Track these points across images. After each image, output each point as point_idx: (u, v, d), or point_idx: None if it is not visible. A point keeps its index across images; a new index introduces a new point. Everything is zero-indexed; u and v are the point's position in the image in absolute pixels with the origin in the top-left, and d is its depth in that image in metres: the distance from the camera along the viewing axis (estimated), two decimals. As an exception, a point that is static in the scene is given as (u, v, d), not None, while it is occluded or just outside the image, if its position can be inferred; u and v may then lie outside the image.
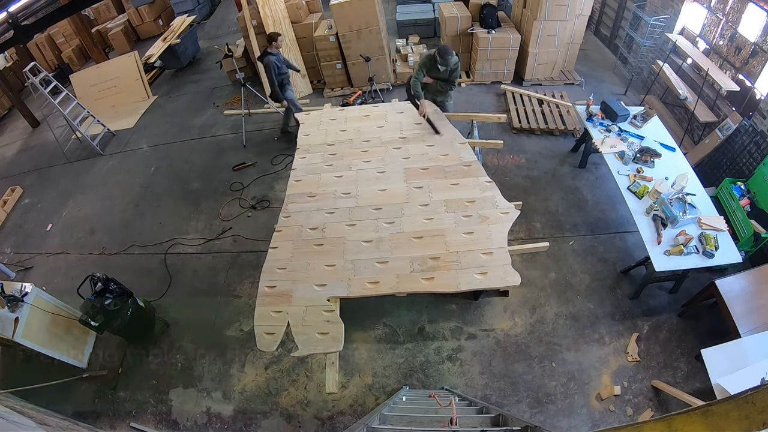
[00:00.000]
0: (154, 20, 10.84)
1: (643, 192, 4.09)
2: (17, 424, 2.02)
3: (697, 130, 5.55)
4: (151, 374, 4.19)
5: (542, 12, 6.22)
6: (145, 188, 6.30)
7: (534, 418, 3.51)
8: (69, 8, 5.09)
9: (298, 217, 3.87)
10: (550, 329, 4.06)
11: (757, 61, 4.77)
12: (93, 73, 8.52)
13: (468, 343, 4.04)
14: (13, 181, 6.97)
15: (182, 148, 6.96)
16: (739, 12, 4.97)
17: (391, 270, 3.33)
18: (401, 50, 7.51)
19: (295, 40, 7.19)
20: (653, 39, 6.30)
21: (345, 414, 3.72)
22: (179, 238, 5.41)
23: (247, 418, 3.79)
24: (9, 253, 5.76)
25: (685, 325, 3.95)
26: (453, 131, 4.57)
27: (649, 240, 3.74)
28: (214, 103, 7.86)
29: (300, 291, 3.31)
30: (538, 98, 6.59)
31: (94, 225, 5.84)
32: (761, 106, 4.56)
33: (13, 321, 3.73)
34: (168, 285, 4.87)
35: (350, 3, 6.42)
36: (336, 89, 7.47)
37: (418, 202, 3.81)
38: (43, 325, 3.98)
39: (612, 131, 4.80)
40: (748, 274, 3.63)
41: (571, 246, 4.68)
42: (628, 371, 3.72)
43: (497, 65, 6.94)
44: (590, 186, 5.30)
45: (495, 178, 4.11)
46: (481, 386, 3.77)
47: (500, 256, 3.32)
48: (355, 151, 4.47)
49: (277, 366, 4.08)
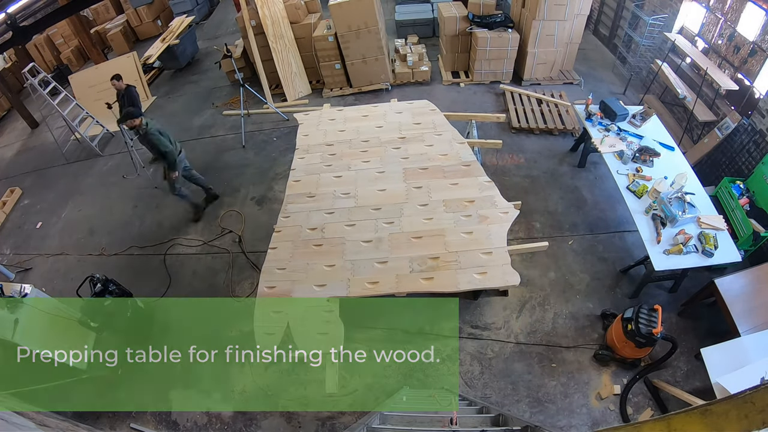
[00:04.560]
0: (152, 21, 10.82)
1: (642, 191, 4.09)
2: (17, 426, 2.02)
3: (696, 130, 5.56)
4: (150, 375, 4.19)
5: (541, 11, 6.22)
6: (144, 189, 6.29)
7: (534, 418, 3.51)
8: (68, 9, 5.10)
9: (298, 218, 3.87)
10: (550, 329, 4.06)
11: (755, 60, 4.78)
12: (92, 73, 8.50)
13: (468, 343, 4.03)
14: (13, 182, 6.95)
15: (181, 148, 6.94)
16: (737, 11, 4.97)
17: (391, 270, 3.33)
18: (400, 50, 7.51)
19: (294, 41, 7.18)
20: (652, 38, 6.31)
21: (345, 414, 3.72)
22: (179, 238, 5.40)
23: (247, 418, 3.79)
24: (8, 254, 5.75)
25: (684, 324, 3.96)
26: (452, 131, 4.56)
27: (648, 239, 3.74)
28: (213, 103, 7.85)
29: (300, 291, 3.31)
30: (537, 98, 6.59)
31: (94, 226, 5.83)
32: (760, 105, 4.57)
33: (13, 322, 3.72)
34: (167, 286, 4.87)
35: (349, 3, 6.42)
36: (335, 89, 7.46)
37: (417, 202, 3.81)
38: (42, 326, 3.97)
39: (611, 131, 4.80)
40: (748, 273, 3.64)
41: (570, 245, 4.68)
42: (628, 371, 3.72)
43: (496, 65, 6.94)
44: (589, 185, 5.30)
45: (494, 177, 4.11)
46: (481, 386, 3.77)
47: (500, 256, 3.32)
48: (354, 151, 4.46)
49: (277, 366, 4.08)
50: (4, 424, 1.86)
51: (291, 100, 7.39)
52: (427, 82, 7.38)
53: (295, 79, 7.40)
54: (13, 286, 3.96)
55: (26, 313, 3.83)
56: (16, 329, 3.73)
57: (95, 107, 7.79)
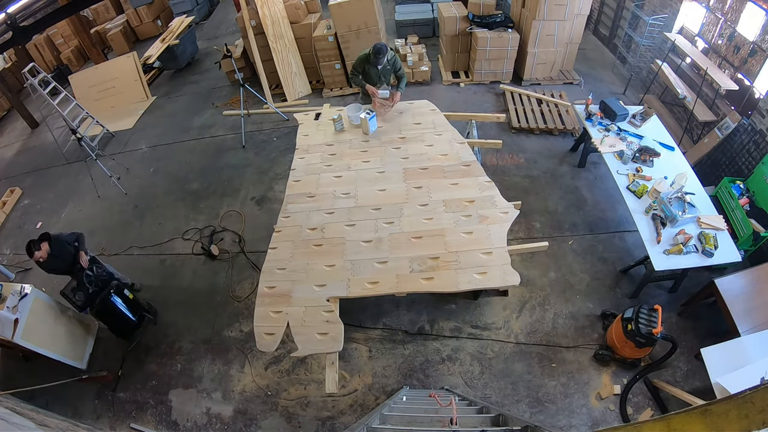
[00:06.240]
0: (152, 21, 10.83)
1: (642, 191, 4.09)
2: (17, 426, 2.02)
3: (696, 129, 5.56)
4: (150, 375, 4.19)
5: (541, 11, 6.22)
6: (144, 189, 6.30)
7: (534, 418, 3.52)
8: (68, 9, 5.10)
9: (298, 218, 3.87)
10: (550, 328, 4.06)
11: (755, 60, 4.78)
12: (92, 73, 8.52)
13: (468, 343, 4.04)
14: (13, 182, 6.97)
15: (181, 148, 6.96)
16: (737, 11, 4.97)
17: (391, 270, 3.33)
18: (400, 50, 7.51)
19: (294, 41, 7.19)
20: (652, 38, 6.31)
21: (345, 414, 3.72)
22: (179, 238, 5.41)
23: (247, 418, 3.79)
24: (8, 254, 5.76)
25: (684, 324, 3.96)
26: (452, 131, 4.56)
27: (648, 239, 3.74)
28: (213, 103, 7.86)
29: (299, 291, 3.30)
30: (537, 98, 6.59)
31: (94, 226, 5.83)
32: (760, 105, 4.57)
33: (13, 322, 3.73)
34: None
35: (349, 3, 6.42)
36: (335, 89, 7.47)
37: (417, 202, 3.80)
38: (42, 327, 3.99)
39: (611, 131, 4.80)
40: (748, 273, 3.64)
41: (570, 245, 4.68)
42: (628, 371, 3.72)
43: (496, 65, 6.94)
44: (589, 185, 5.30)
45: (494, 177, 4.10)
46: (480, 386, 3.77)
47: (500, 256, 3.32)
48: (354, 151, 4.46)
49: (276, 366, 4.08)
50: (4, 424, 1.86)
51: (291, 100, 7.39)
52: (427, 82, 7.38)
53: (295, 79, 7.40)
54: (14, 287, 3.96)
55: (26, 313, 3.84)
56: (16, 329, 3.73)
57: (95, 107, 7.82)
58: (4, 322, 3.72)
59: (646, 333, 3.26)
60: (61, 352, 4.06)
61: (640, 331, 3.28)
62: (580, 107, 5.18)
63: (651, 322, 3.31)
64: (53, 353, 3.97)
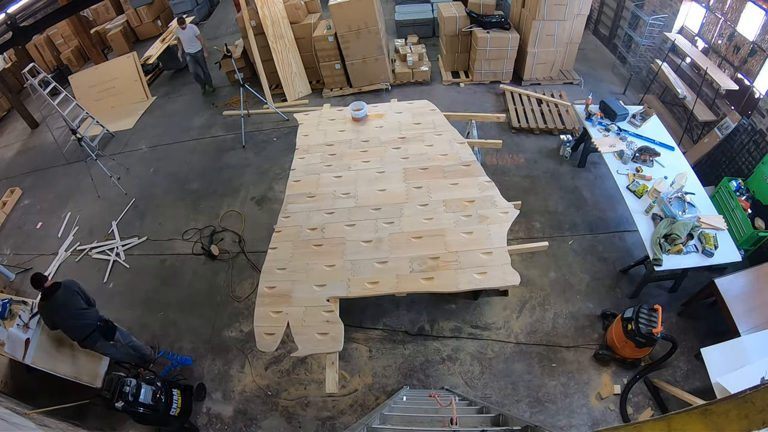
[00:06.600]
0: (152, 21, 10.82)
1: (642, 191, 4.09)
2: (17, 426, 2.02)
3: (696, 129, 5.56)
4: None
5: (541, 12, 6.22)
6: (144, 189, 6.29)
7: (534, 418, 3.51)
8: (68, 9, 5.10)
9: (298, 218, 3.87)
10: (550, 328, 4.06)
11: (755, 60, 4.78)
12: (92, 74, 8.51)
13: (468, 343, 4.04)
14: (13, 183, 6.96)
15: (181, 148, 6.95)
16: (737, 11, 4.97)
17: (391, 270, 3.33)
18: (400, 50, 7.51)
19: (294, 41, 7.19)
20: (652, 38, 6.31)
21: (345, 414, 3.72)
22: (179, 238, 5.40)
23: (247, 418, 3.79)
24: (8, 254, 5.75)
25: (684, 324, 3.96)
26: (452, 131, 4.56)
27: (648, 239, 3.74)
28: (213, 103, 7.86)
29: (300, 291, 3.30)
30: (537, 98, 6.59)
31: (94, 226, 5.83)
32: (760, 105, 4.56)
33: (24, 342, 3.56)
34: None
35: (349, 3, 6.42)
36: (335, 89, 7.47)
37: (417, 202, 3.80)
38: (55, 345, 3.77)
39: (611, 130, 4.80)
40: (748, 272, 3.64)
41: (570, 245, 4.68)
42: (628, 370, 3.72)
43: (496, 65, 6.94)
44: (589, 185, 5.30)
45: (494, 177, 4.10)
46: (481, 386, 3.77)
47: (500, 256, 3.32)
48: (354, 151, 4.46)
49: (276, 366, 4.08)
50: (4, 424, 1.86)
51: (291, 100, 7.39)
52: (427, 82, 7.38)
53: (295, 79, 7.40)
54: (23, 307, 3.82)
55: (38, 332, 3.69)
56: (27, 350, 3.56)
57: (95, 107, 7.82)
58: (15, 341, 3.54)
59: (646, 333, 3.26)
60: (75, 373, 3.80)
61: (640, 331, 3.27)
62: (580, 107, 5.18)
63: (651, 322, 3.30)
64: (67, 375, 3.73)
